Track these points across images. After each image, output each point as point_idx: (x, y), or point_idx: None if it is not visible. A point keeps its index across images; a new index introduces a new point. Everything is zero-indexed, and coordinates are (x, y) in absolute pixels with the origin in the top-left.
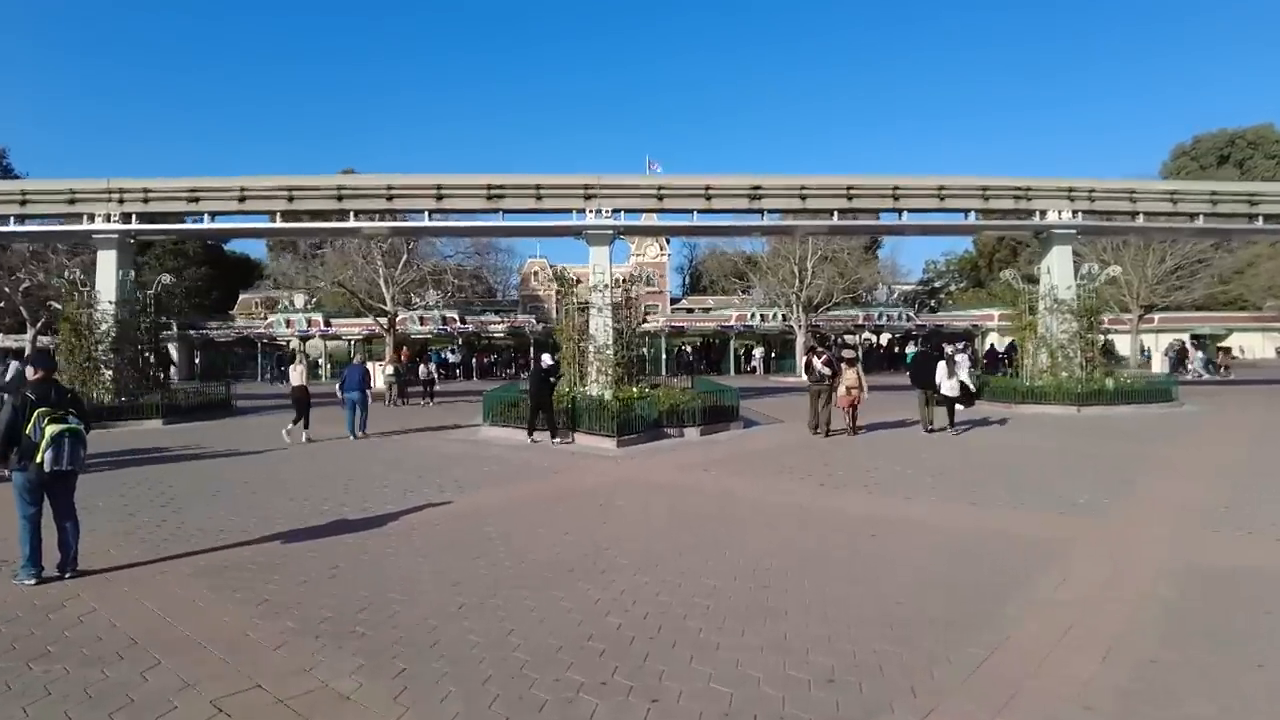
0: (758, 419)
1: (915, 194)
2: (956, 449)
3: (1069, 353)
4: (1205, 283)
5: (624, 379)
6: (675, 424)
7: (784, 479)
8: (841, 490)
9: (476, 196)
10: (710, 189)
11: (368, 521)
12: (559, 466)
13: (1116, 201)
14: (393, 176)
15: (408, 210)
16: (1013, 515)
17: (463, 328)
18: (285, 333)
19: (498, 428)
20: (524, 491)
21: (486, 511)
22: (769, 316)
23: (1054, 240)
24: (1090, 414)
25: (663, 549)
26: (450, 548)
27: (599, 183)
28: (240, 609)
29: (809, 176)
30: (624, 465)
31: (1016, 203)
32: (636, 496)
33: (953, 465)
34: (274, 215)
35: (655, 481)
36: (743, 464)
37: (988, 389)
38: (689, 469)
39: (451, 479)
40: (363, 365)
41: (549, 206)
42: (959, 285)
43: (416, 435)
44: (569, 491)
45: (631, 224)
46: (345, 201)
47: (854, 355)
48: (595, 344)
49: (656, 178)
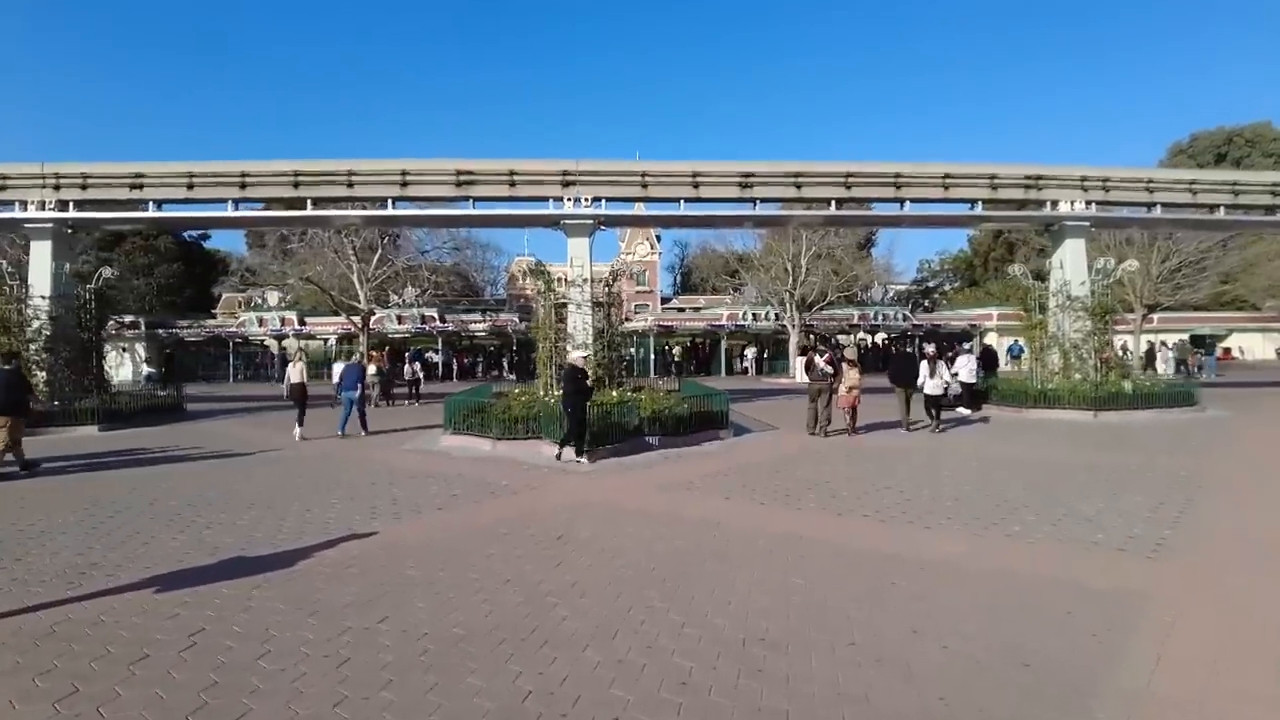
0: (750, 425)
1: (918, 182)
2: (974, 463)
3: (1082, 353)
4: (1211, 281)
5: (605, 381)
6: (658, 432)
7: (780, 501)
8: (848, 517)
9: (445, 183)
10: (698, 176)
11: (270, 560)
12: (519, 485)
13: (1133, 192)
14: (354, 162)
15: (370, 198)
16: (1062, 553)
17: (442, 327)
18: (258, 332)
19: (460, 436)
20: (470, 518)
21: (416, 546)
22: (761, 316)
23: (1066, 233)
24: (1108, 420)
25: (625, 606)
26: (354, 604)
27: (578, 169)
28: (26, 710)
29: (804, 163)
30: (594, 483)
31: (1026, 193)
32: (603, 527)
33: (973, 483)
34: (227, 203)
35: (628, 505)
36: (732, 481)
37: (995, 392)
38: (670, 488)
39: (390, 500)
40: (360, 364)
41: (524, 194)
42: (954, 285)
43: (377, 442)
44: (523, 518)
45: (613, 213)
46: (303, 189)
47: (854, 355)
48: (574, 343)
49: (640, 163)
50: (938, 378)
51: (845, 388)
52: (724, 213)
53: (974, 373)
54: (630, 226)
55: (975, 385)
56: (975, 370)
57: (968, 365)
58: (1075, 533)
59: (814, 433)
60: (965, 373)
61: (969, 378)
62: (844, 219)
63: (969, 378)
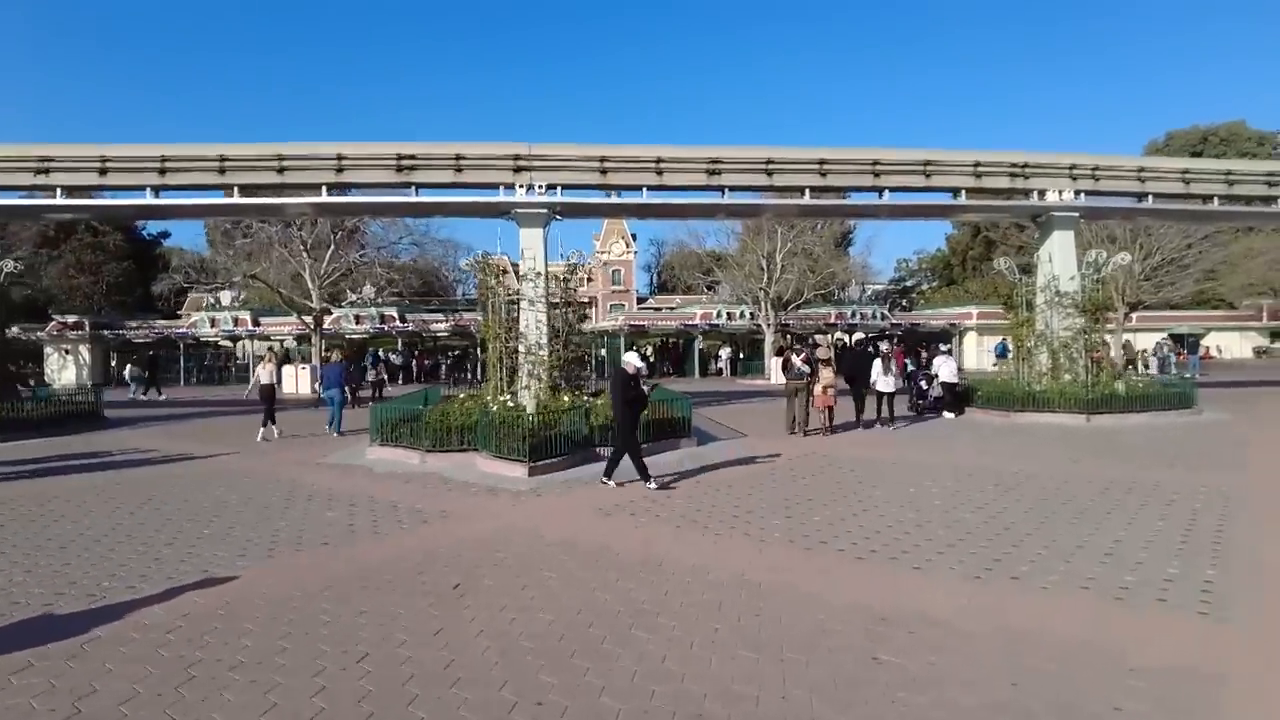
0: (716, 431)
1: (898, 170)
2: (963, 477)
3: (1072, 353)
4: (1195, 278)
5: (561, 385)
6: (612, 442)
7: (738, 529)
8: (819, 552)
9: (384, 168)
10: (662, 162)
11: (75, 622)
12: (436, 510)
13: (1124, 181)
14: (284, 145)
15: (303, 185)
16: (1088, 605)
17: (402, 327)
18: (209, 333)
19: (388, 448)
20: (357, 558)
21: (272, 601)
22: (736, 315)
23: (1054, 224)
24: (1102, 424)
25: (508, 702)
26: (136, 700)
27: (531, 153)
28: None
29: (776, 149)
30: (525, 507)
31: (1012, 181)
32: (515, 571)
33: (965, 503)
34: (145, 190)
35: (555, 537)
36: (685, 501)
37: (979, 395)
38: (612, 512)
39: (272, 532)
40: (341, 364)
41: (472, 181)
42: (931, 284)
43: (300, 453)
44: (423, 558)
45: (569, 200)
46: (229, 174)
47: (828, 355)
48: (526, 343)
49: (599, 147)
50: (890, 375)
51: (820, 387)
52: (691, 200)
53: (954, 373)
54: (588, 216)
55: (958, 386)
56: (956, 371)
57: (947, 366)
58: (1097, 572)
59: (793, 432)
60: (945, 373)
61: (949, 378)
62: (819, 209)
63: (949, 378)
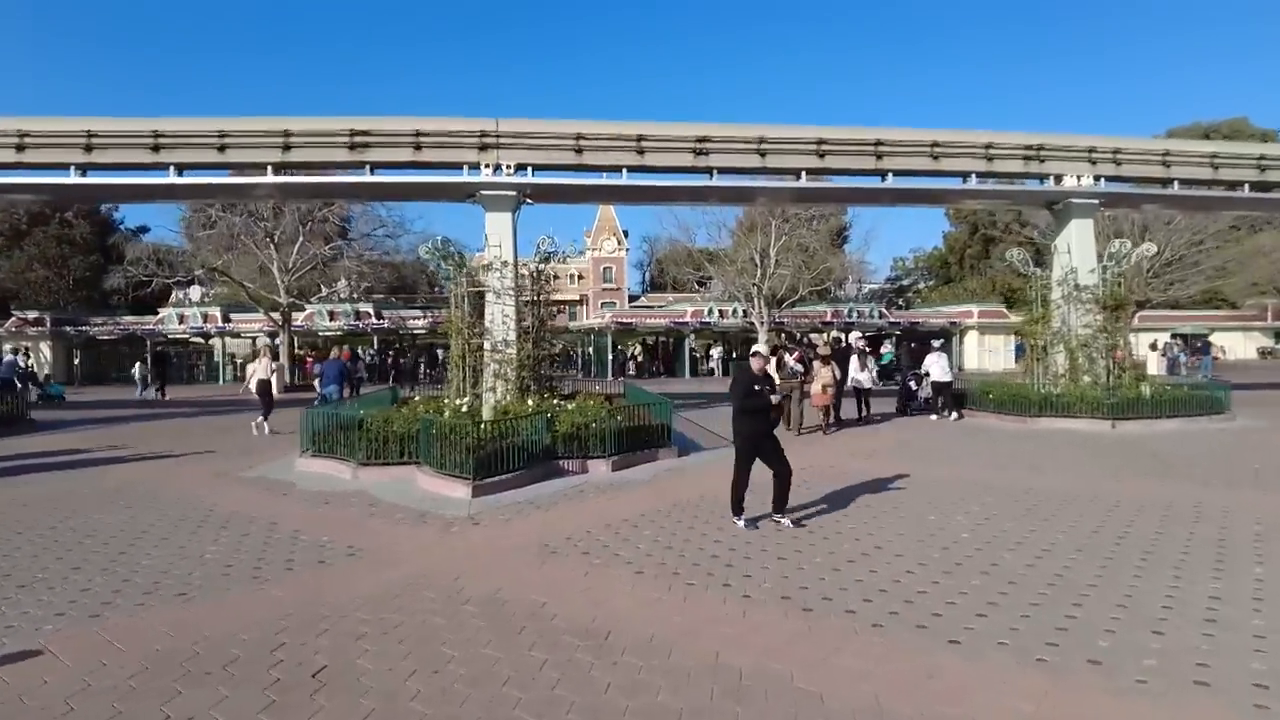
0: (701, 439)
1: (902, 151)
2: (989, 501)
3: (1091, 352)
4: (1206, 275)
5: (530, 386)
6: (578, 454)
7: (717, 576)
8: (823, 615)
9: (336, 146)
10: (644, 140)
11: None
12: (345, 544)
13: (1147, 166)
14: (226, 120)
15: (246, 164)
16: (1216, 717)
17: (378, 324)
18: (176, 330)
19: (321, 459)
20: (203, 623)
21: (39, 703)
22: (728, 313)
23: (1072, 211)
24: (1129, 431)
25: None
26: None
27: (498, 129)
28: None
29: (770, 127)
30: (454, 541)
31: (1026, 164)
32: (411, 642)
33: (1004, 538)
34: (69, 168)
35: (480, 589)
36: (653, 535)
37: (991, 399)
38: (560, 549)
39: (125, 575)
40: (340, 360)
41: (432, 160)
42: (928, 283)
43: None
44: (295, 623)
45: (540, 181)
46: (165, 152)
47: (826, 353)
48: (492, 340)
49: (574, 123)
50: (867, 371)
51: (819, 385)
52: (676, 183)
53: (947, 371)
54: (562, 200)
55: (953, 385)
56: (948, 369)
57: (939, 364)
58: (1207, 654)
59: (788, 429)
60: (937, 371)
61: (942, 376)
62: (817, 192)
63: (942, 376)
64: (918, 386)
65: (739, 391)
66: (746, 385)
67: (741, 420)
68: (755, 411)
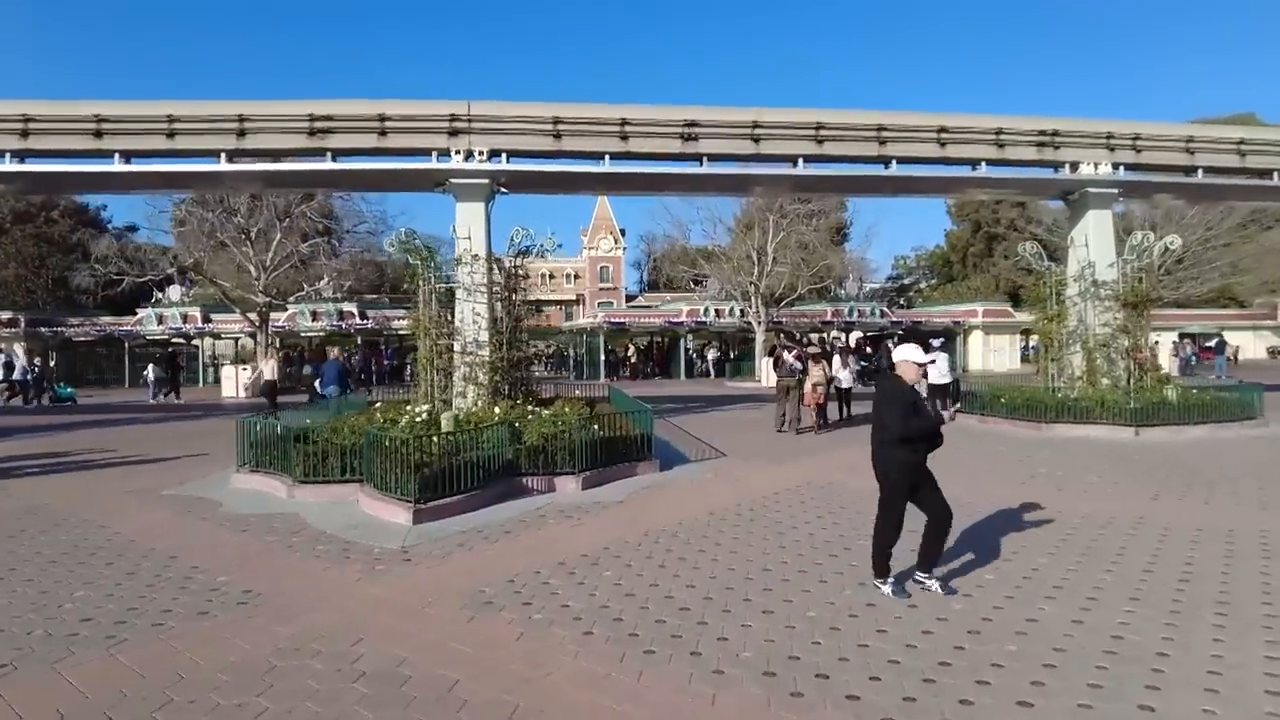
0: (688, 450)
1: (907, 137)
2: (1025, 531)
3: (1111, 353)
4: (1221, 272)
5: (504, 391)
6: (544, 469)
7: (685, 640)
8: (816, 706)
9: (294, 132)
10: (628, 125)
11: None
12: (238, 589)
13: (1169, 153)
14: (176, 104)
15: (199, 151)
16: None
17: (361, 324)
18: (155, 331)
19: (259, 475)
20: (13, 699)
21: None
22: (725, 312)
23: (1089, 202)
24: (1154, 439)
25: None
26: None
27: (469, 113)
28: None
29: (764, 110)
30: (373, 586)
31: (1040, 151)
32: None
33: (1038, 584)
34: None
35: (381, 655)
36: (615, 577)
37: (1003, 403)
38: (497, 598)
39: None
40: (340, 361)
41: (398, 146)
42: (930, 283)
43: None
44: (125, 702)
45: (516, 169)
46: (109, 138)
47: (818, 352)
48: (463, 340)
49: (551, 106)
50: (848, 370)
51: (810, 385)
52: (663, 170)
53: (945, 373)
54: (540, 189)
55: (951, 386)
56: (947, 371)
57: (938, 365)
58: None
59: (781, 430)
60: (935, 373)
61: (940, 378)
62: (815, 181)
63: (940, 378)
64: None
65: (898, 413)
66: (905, 404)
67: (895, 450)
68: (918, 439)
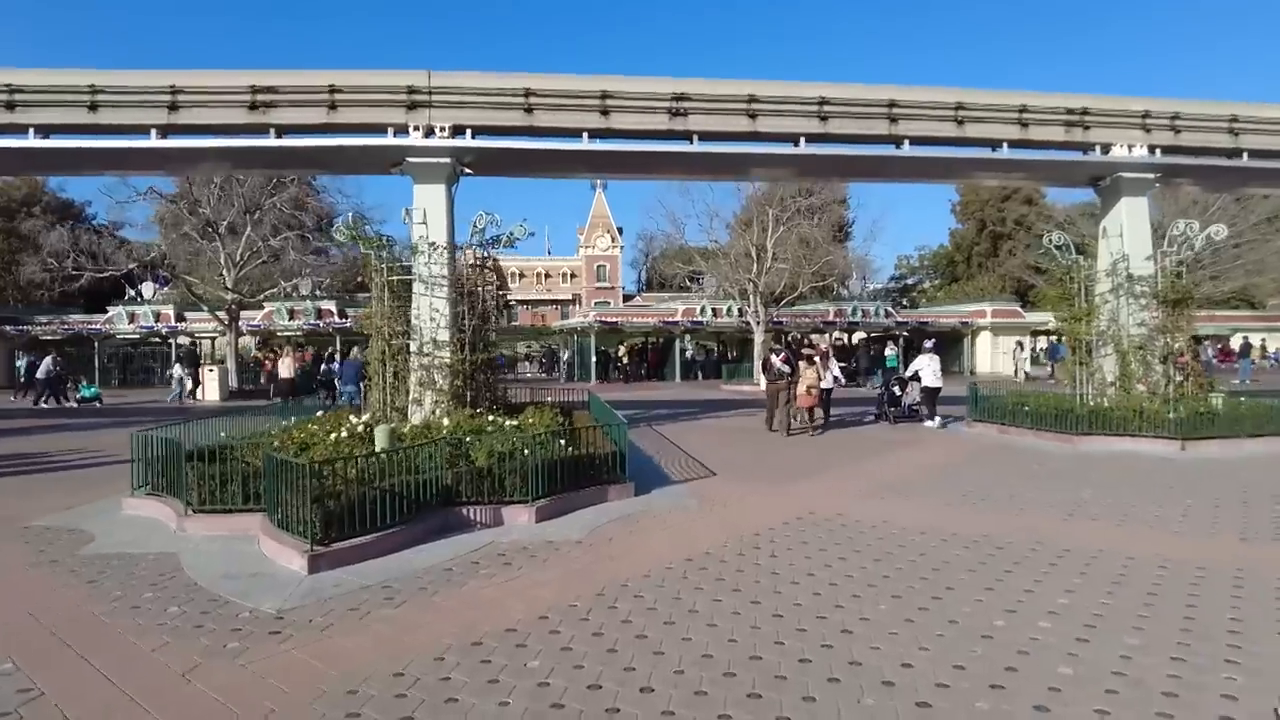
0: (670, 467)
1: (921, 114)
2: (1092, 587)
3: (1148, 355)
4: (1246, 270)
5: (466, 398)
6: (492, 497)
7: None
8: None
9: (233, 105)
10: (609, 98)
11: None
12: (17, 687)
13: (1212, 134)
14: (101, 74)
15: (126, 127)
16: None
17: (341, 323)
18: (126, 330)
19: (155, 500)
20: None
21: None
22: (723, 311)
23: (1123, 188)
24: (1207, 456)
25: None
26: None
27: (430, 84)
28: None
29: (761, 83)
30: (218, 674)
31: (1068, 132)
32: None
33: (1149, 697)
34: None
35: None
36: (547, 671)
37: (1027, 412)
38: (374, 702)
39: None
40: (359, 361)
41: (350, 121)
42: (934, 282)
43: (63, 493)
44: None
45: (482, 146)
46: (20, 111)
47: (811, 353)
48: (420, 339)
49: (523, 76)
50: (829, 372)
51: (804, 387)
52: (648, 148)
53: (937, 374)
54: (510, 172)
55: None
56: (940, 372)
57: (930, 366)
58: None
59: (773, 429)
60: (928, 375)
61: (933, 381)
62: (818, 161)
63: (933, 381)
64: (903, 391)
65: None
66: None
67: None
68: None
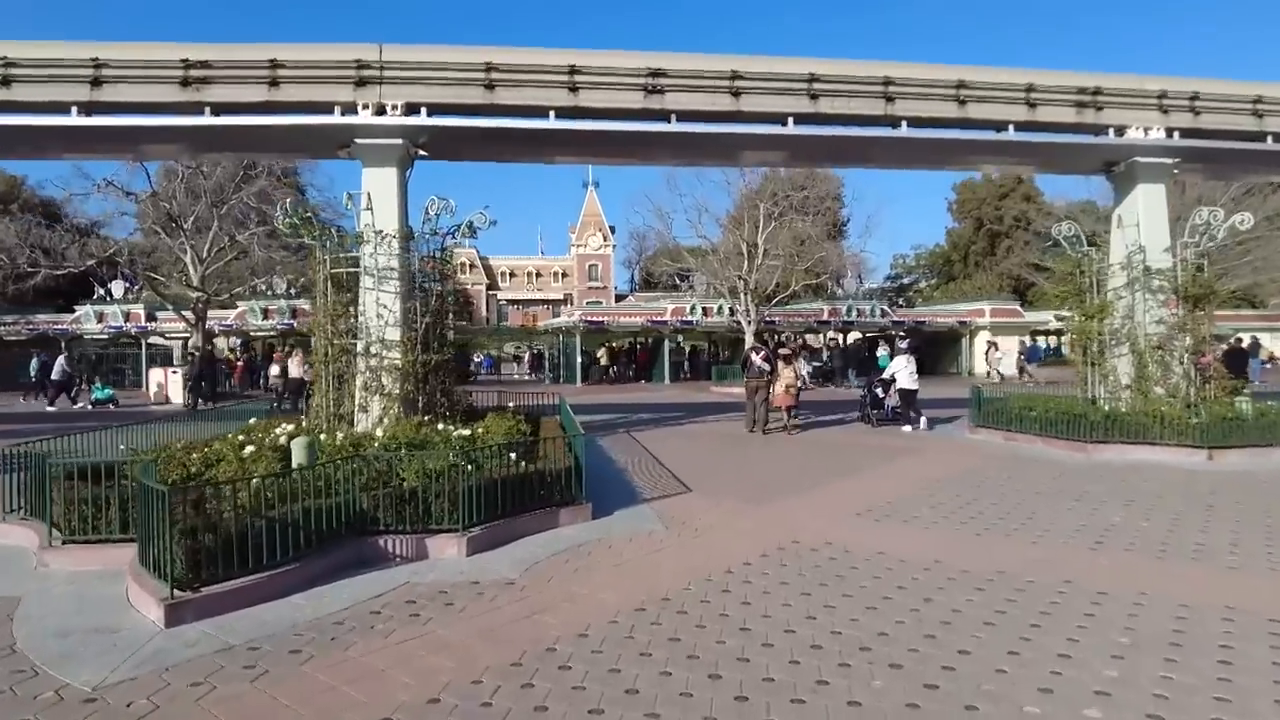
0: (639, 482)
1: (920, 93)
2: (1151, 644)
3: (1166, 356)
4: (1254, 267)
5: (418, 403)
6: (416, 525)
7: None
8: None
9: (164, 81)
10: (578, 73)
11: None
12: None
13: (1234, 115)
14: (13, 45)
15: (42, 104)
16: None
17: None
18: (94, 330)
19: (25, 526)
20: None
21: None
22: (713, 310)
23: (1138, 174)
24: (1234, 465)
25: None
26: None
27: (381, 59)
28: None
29: (745, 59)
30: None
31: (1079, 113)
32: None
33: None
34: None
35: None
36: None
37: (1034, 418)
38: None
39: None
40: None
41: (293, 99)
42: (930, 282)
43: None
44: None
45: (437, 124)
46: None
47: (788, 353)
48: (366, 338)
49: (483, 50)
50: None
51: (782, 386)
52: (621, 128)
53: (914, 376)
54: (469, 156)
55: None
56: (916, 374)
57: (907, 368)
58: None
59: (751, 430)
60: (905, 377)
61: (909, 383)
62: (808, 143)
63: (909, 383)
64: (885, 394)
65: None
66: None
67: None
68: None
